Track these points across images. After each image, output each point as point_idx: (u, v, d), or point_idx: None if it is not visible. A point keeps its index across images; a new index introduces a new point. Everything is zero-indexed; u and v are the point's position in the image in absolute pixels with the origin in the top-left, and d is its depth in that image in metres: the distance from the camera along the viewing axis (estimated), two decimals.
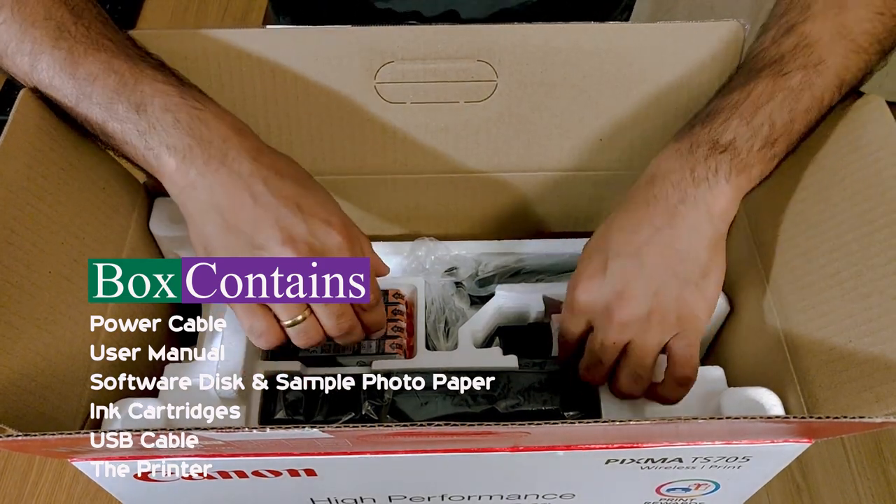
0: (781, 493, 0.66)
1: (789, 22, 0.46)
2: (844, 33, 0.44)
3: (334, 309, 0.43)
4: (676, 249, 0.43)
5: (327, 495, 0.49)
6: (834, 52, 0.44)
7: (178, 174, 0.41)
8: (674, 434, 0.43)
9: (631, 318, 0.44)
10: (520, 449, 0.43)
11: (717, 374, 0.49)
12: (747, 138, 0.43)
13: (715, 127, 0.44)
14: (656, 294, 0.43)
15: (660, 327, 0.44)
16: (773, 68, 0.45)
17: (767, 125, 0.43)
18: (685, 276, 0.43)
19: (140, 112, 0.41)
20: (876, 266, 0.43)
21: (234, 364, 0.48)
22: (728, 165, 0.43)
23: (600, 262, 0.45)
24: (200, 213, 0.42)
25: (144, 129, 0.41)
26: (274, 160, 0.43)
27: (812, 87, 0.44)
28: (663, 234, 0.43)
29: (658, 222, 0.43)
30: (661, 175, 0.44)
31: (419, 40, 0.51)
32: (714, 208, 0.43)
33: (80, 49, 0.42)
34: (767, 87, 0.44)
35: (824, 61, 0.44)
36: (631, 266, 0.44)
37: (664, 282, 0.43)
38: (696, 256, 0.43)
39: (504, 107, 0.53)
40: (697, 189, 0.43)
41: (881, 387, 0.41)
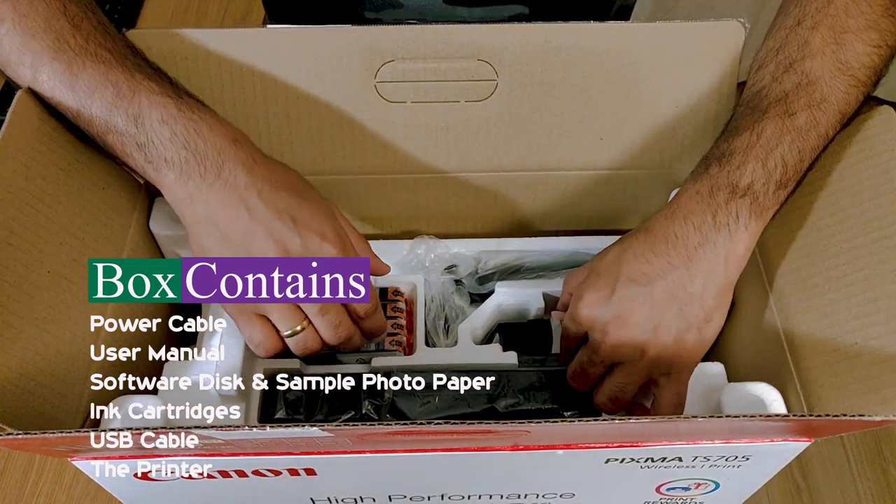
0: (781, 492, 0.66)
1: (788, 59, 0.46)
2: (844, 69, 0.45)
3: (332, 319, 0.44)
4: (687, 291, 0.44)
5: (327, 495, 0.49)
6: (835, 88, 0.45)
7: (177, 187, 0.42)
8: (673, 433, 0.43)
9: (624, 343, 0.44)
10: (520, 448, 0.43)
11: (717, 370, 0.49)
12: (763, 182, 0.44)
13: (732, 170, 0.44)
14: (656, 329, 0.44)
15: (652, 361, 0.45)
16: (779, 108, 0.45)
17: (781, 167, 0.44)
18: (689, 318, 0.44)
19: (138, 125, 0.42)
20: (885, 271, 0.43)
21: (233, 364, 0.48)
22: (748, 210, 0.43)
23: (609, 283, 0.45)
24: (198, 224, 0.43)
25: (143, 143, 0.42)
26: (270, 170, 0.44)
27: (818, 125, 0.45)
28: (678, 273, 0.44)
29: (675, 261, 0.44)
30: (683, 215, 0.44)
31: (419, 40, 0.51)
32: (731, 255, 0.44)
33: (78, 61, 0.42)
34: (777, 128, 0.44)
35: (827, 99, 0.45)
36: (639, 295, 0.44)
37: (667, 319, 0.44)
38: (704, 301, 0.44)
39: (504, 106, 0.53)
40: (718, 234, 0.43)
41: (887, 389, 0.41)
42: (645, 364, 0.45)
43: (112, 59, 0.43)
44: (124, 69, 0.43)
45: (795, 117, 0.44)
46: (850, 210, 0.46)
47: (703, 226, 0.44)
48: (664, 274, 0.44)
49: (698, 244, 0.43)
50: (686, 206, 0.45)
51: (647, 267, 0.44)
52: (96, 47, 0.43)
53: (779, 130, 0.44)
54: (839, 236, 0.46)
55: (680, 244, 0.44)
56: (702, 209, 0.44)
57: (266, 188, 0.43)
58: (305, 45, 0.51)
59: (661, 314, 0.44)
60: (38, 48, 0.42)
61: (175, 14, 1.06)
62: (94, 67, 0.42)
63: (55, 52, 0.42)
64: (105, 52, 0.43)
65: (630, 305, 0.44)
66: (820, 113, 0.45)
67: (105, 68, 0.42)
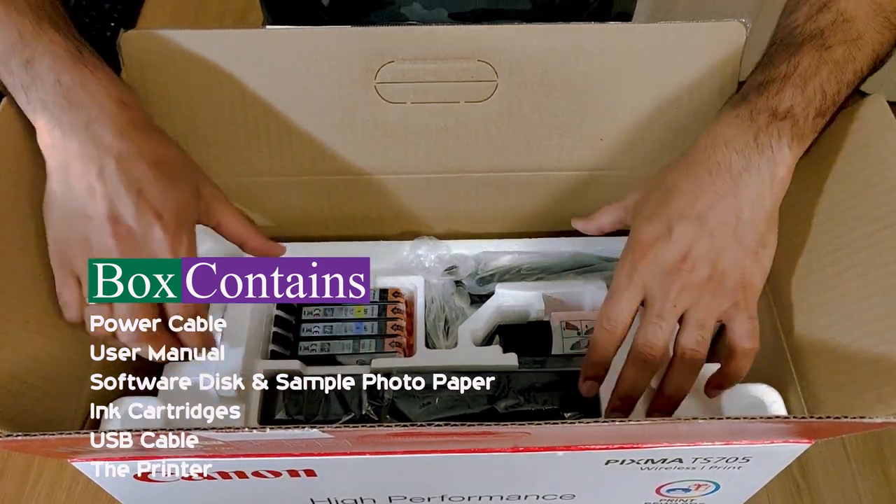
0: (781, 493, 0.66)
1: (819, 1, 0.47)
2: (878, 10, 0.46)
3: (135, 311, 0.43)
4: (739, 217, 0.44)
5: (327, 496, 0.49)
6: (871, 27, 0.45)
7: (46, 131, 0.43)
8: (673, 434, 0.43)
9: (694, 282, 0.44)
10: (520, 449, 0.43)
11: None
12: (804, 107, 0.44)
13: (771, 95, 0.45)
14: (717, 260, 0.44)
15: (719, 293, 0.44)
16: (815, 42, 0.45)
17: (820, 95, 0.44)
18: (746, 244, 0.44)
19: (27, 68, 0.43)
20: (880, 266, 0.43)
21: (234, 364, 0.48)
22: (790, 132, 0.44)
23: (664, 226, 0.45)
24: (53, 170, 0.43)
25: (27, 84, 0.43)
26: (142, 139, 0.44)
27: (854, 60, 0.45)
28: (727, 201, 0.44)
29: (721, 190, 0.44)
30: (724, 142, 0.45)
31: (419, 40, 0.51)
32: (776, 176, 0.44)
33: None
34: (814, 60, 0.45)
35: (862, 36, 0.45)
36: (696, 230, 0.44)
37: (726, 248, 0.44)
38: (756, 226, 0.44)
39: (504, 107, 0.53)
40: (762, 156, 0.44)
41: (884, 388, 0.41)
42: (715, 298, 0.44)
43: (27, 9, 0.44)
44: (35, 17, 0.44)
45: (832, 50, 0.45)
46: (845, 204, 0.46)
47: (745, 149, 0.44)
48: (714, 204, 0.44)
49: (743, 168, 0.44)
50: (726, 131, 0.45)
51: (696, 201, 0.44)
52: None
53: (816, 61, 0.45)
54: (835, 232, 0.46)
55: (724, 172, 0.44)
56: (743, 133, 0.44)
57: (127, 154, 0.43)
58: (305, 46, 0.51)
59: (720, 245, 0.44)
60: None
61: (175, 14, 1.06)
62: (6, 13, 0.43)
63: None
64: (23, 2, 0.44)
65: (689, 242, 0.44)
66: (856, 49, 0.45)
67: (16, 14, 0.43)
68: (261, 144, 0.55)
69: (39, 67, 0.43)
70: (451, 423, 0.41)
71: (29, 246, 0.44)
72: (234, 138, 0.54)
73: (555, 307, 0.56)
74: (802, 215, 0.49)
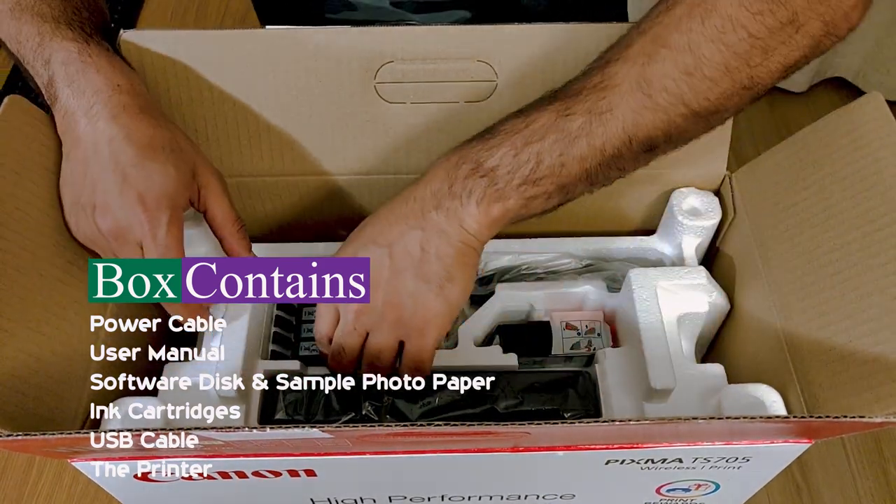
0: (781, 493, 0.66)
1: (607, 56, 0.43)
2: (644, 87, 0.41)
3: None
4: (424, 251, 0.44)
5: (327, 495, 0.49)
6: (626, 104, 0.41)
7: (59, 121, 0.46)
8: (674, 434, 0.43)
9: (368, 306, 0.45)
10: (520, 449, 0.43)
11: (717, 372, 0.49)
12: (508, 170, 0.43)
13: (486, 148, 0.44)
14: (396, 290, 0.45)
15: (393, 322, 0.45)
16: (564, 104, 0.43)
17: (533, 162, 0.42)
18: (428, 277, 0.45)
19: (46, 67, 0.46)
20: (876, 265, 0.43)
21: (234, 364, 0.48)
22: (482, 191, 0.43)
23: (352, 250, 0.47)
24: (65, 158, 0.47)
25: (46, 82, 0.46)
26: (136, 123, 0.45)
27: (591, 135, 0.42)
28: (415, 233, 0.44)
29: (412, 222, 0.45)
30: (427, 180, 0.45)
31: (419, 40, 0.51)
32: (465, 224, 0.44)
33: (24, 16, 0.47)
34: (547, 123, 0.42)
35: (612, 110, 0.41)
36: (379, 257, 0.45)
37: (405, 279, 0.45)
38: (442, 261, 0.44)
39: (504, 107, 0.53)
40: (451, 202, 0.44)
41: (881, 387, 0.41)
42: (390, 324, 0.45)
43: (49, 13, 0.47)
44: (54, 22, 0.47)
45: (571, 119, 0.42)
46: (842, 204, 0.46)
47: (439, 192, 0.44)
48: (402, 234, 0.45)
49: (434, 207, 0.44)
50: (433, 171, 0.45)
51: (388, 229, 0.45)
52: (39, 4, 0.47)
53: (547, 126, 0.42)
54: (832, 231, 0.46)
55: (417, 206, 0.45)
56: (442, 177, 0.44)
57: (118, 138, 0.44)
58: (305, 46, 0.51)
59: (400, 274, 0.45)
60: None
61: (175, 14, 1.06)
62: (31, 20, 0.46)
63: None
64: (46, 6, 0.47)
65: (373, 268, 0.45)
66: (598, 123, 0.41)
67: (39, 21, 0.46)
68: (261, 144, 0.55)
69: (54, 64, 0.45)
70: (451, 423, 0.41)
71: (33, 245, 0.44)
72: (235, 138, 0.54)
73: (555, 307, 0.56)
74: (801, 215, 0.49)
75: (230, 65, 0.51)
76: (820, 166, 0.48)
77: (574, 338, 0.54)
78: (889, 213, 0.43)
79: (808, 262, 0.48)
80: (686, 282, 0.52)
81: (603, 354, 0.51)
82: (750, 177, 0.55)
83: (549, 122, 0.42)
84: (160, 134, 0.46)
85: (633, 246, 0.58)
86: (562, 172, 0.42)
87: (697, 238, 0.56)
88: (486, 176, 0.43)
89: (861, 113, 0.47)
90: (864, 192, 0.45)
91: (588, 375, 0.50)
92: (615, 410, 0.48)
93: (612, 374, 0.50)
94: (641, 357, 0.48)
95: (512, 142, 0.43)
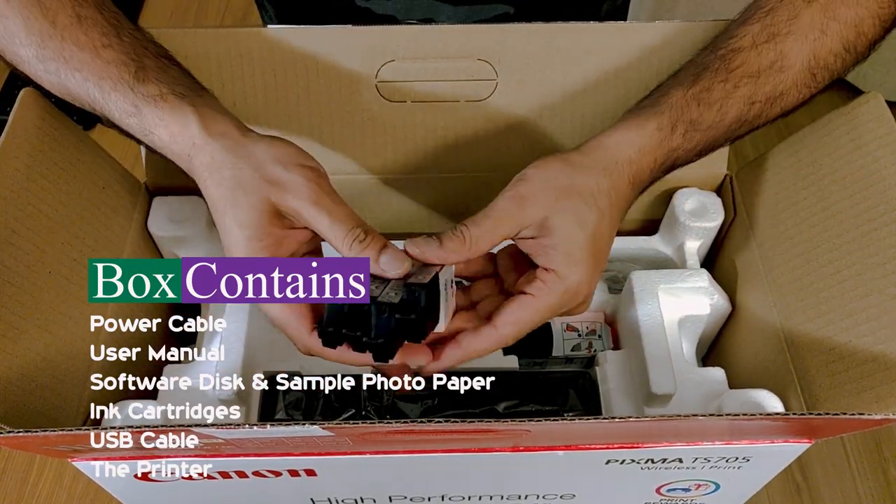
0: (781, 493, 0.66)
1: (774, 27, 0.43)
2: (812, 65, 0.43)
3: None
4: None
5: (327, 495, 0.49)
6: (796, 87, 0.44)
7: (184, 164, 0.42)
8: (674, 432, 0.43)
9: None
10: (520, 449, 0.43)
11: (718, 376, 0.49)
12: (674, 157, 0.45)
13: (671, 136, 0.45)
14: None
15: None
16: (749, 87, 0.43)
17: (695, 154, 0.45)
18: None
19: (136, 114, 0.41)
20: (875, 265, 0.43)
21: (234, 364, 0.48)
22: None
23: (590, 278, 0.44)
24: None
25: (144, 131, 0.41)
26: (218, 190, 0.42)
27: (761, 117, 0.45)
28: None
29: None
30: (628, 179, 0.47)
31: (420, 39, 0.51)
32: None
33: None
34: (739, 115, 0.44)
35: (783, 95, 0.44)
36: None
37: None
38: None
39: (504, 106, 0.53)
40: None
41: (881, 387, 0.41)
42: None
43: (125, 51, 0.42)
44: (138, 66, 0.42)
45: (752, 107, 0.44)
46: (841, 203, 0.46)
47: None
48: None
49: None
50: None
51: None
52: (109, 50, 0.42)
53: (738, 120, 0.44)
54: (832, 231, 0.46)
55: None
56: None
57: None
58: (305, 45, 0.51)
59: None
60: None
61: (175, 14, 1.06)
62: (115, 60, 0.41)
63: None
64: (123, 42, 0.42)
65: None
66: (769, 106, 0.44)
67: (119, 64, 0.41)
68: None
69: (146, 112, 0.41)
70: (451, 420, 0.41)
71: (43, 242, 0.44)
72: None
73: None
74: (801, 215, 0.49)
75: (230, 65, 0.51)
76: (819, 166, 0.48)
77: (575, 339, 0.54)
78: (888, 213, 0.43)
79: (807, 262, 0.48)
80: (688, 285, 0.52)
81: (604, 357, 0.51)
82: (750, 177, 0.55)
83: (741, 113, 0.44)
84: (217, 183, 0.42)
85: (634, 246, 0.58)
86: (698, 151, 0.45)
87: (699, 239, 0.56)
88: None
89: (860, 113, 0.47)
90: (864, 191, 0.45)
91: (588, 376, 0.50)
92: (616, 413, 0.48)
93: (612, 378, 0.50)
94: (642, 361, 0.48)
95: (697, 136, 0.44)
